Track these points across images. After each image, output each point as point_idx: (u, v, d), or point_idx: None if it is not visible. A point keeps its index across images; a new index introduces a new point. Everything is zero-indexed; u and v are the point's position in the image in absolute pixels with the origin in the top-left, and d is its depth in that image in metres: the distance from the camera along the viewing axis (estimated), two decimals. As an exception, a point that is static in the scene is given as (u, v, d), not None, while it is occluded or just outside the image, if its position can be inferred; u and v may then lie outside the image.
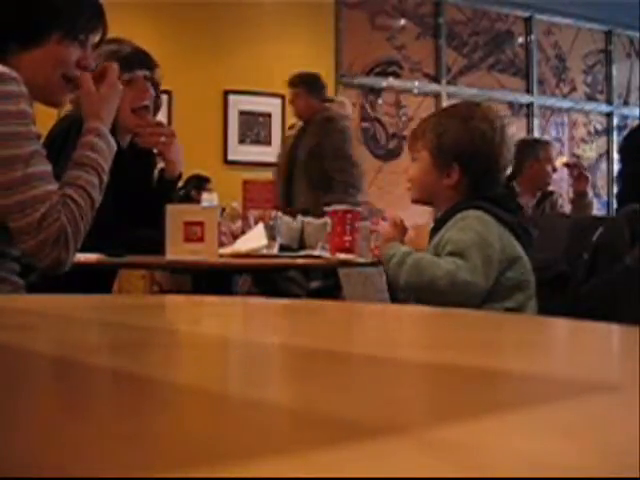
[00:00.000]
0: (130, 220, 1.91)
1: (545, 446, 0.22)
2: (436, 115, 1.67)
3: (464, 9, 6.15)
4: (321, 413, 0.27)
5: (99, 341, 0.54)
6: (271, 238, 2.03)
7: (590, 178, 3.27)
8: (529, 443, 0.22)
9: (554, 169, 3.40)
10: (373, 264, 2.07)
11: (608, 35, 6.76)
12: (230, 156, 5.17)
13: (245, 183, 2.50)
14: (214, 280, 2.22)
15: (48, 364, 0.41)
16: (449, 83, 6.05)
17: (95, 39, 1.41)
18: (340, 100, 3.96)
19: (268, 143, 5.23)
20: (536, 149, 3.38)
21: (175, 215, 1.77)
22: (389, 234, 1.62)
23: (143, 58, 2.01)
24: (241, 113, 5.22)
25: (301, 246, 2.54)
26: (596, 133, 6.76)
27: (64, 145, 1.63)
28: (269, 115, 5.27)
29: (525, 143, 3.51)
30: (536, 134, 6.21)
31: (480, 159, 1.53)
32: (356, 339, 0.55)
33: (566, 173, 3.43)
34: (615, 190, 2.86)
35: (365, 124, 5.78)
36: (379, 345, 0.49)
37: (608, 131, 6.78)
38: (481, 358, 0.42)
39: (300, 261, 2.10)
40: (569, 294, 1.73)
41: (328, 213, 2.27)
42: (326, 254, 2.12)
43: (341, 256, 2.08)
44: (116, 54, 1.85)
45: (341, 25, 5.59)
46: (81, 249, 1.31)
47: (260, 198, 2.29)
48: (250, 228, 2.11)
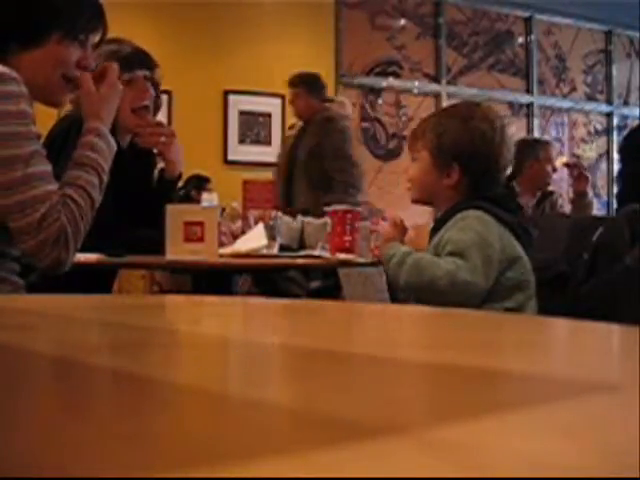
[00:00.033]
0: (130, 220, 1.91)
1: (545, 446, 0.22)
2: (436, 115, 1.67)
3: (464, 9, 6.15)
4: (321, 413, 0.27)
5: (99, 341, 0.54)
6: (271, 238, 2.03)
7: (590, 178, 3.27)
8: (529, 443, 0.22)
9: (554, 169, 3.41)
10: (373, 264, 2.07)
11: (608, 35, 6.76)
12: (230, 156, 5.17)
13: (245, 183, 2.50)
14: (214, 280, 2.22)
15: (48, 364, 0.41)
16: (449, 83, 6.05)
17: (95, 39, 1.40)
18: (340, 100, 3.95)
19: (268, 143, 5.23)
20: (536, 149, 3.38)
21: (175, 215, 1.77)
22: (389, 234, 1.62)
23: (143, 58, 2.01)
24: (241, 113, 5.23)
25: (301, 246, 2.54)
26: (596, 133, 6.76)
27: (64, 145, 1.63)
28: (269, 115, 5.27)
29: (525, 143, 3.51)
30: (536, 134, 6.21)
31: (480, 159, 1.52)
32: (356, 339, 0.55)
33: (566, 173, 3.43)
34: (615, 190, 2.86)
35: (365, 124, 5.78)
36: (379, 345, 0.49)
37: (608, 131, 6.78)
38: (481, 358, 0.42)
39: (300, 261, 2.10)
40: (569, 294, 1.73)
41: (328, 213, 2.27)
42: (326, 254, 2.12)
43: (341, 256, 2.08)
44: (116, 54, 1.85)
45: (341, 25, 5.59)
46: (81, 249, 1.30)
47: (260, 198, 2.29)
48: (250, 228, 2.10)
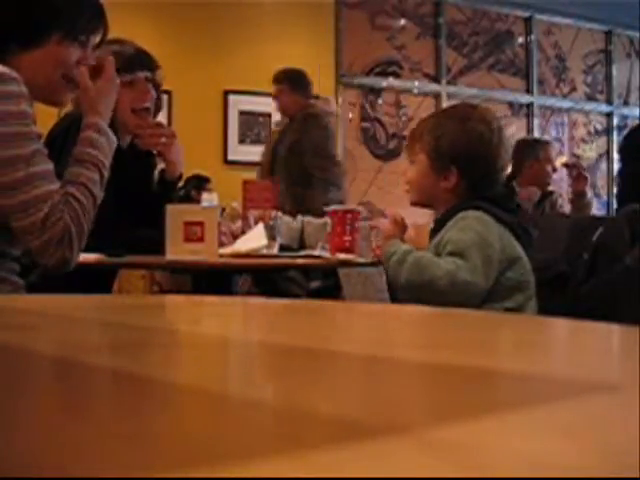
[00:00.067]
0: (130, 220, 1.91)
1: (545, 446, 0.22)
2: (433, 117, 1.66)
3: (464, 9, 6.15)
4: (321, 413, 0.27)
5: (99, 341, 0.54)
6: (271, 238, 2.03)
7: (589, 178, 3.28)
8: (529, 443, 0.22)
9: (554, 169, 3.41)
10: (373, 264, 2.07)
11: (608, 35, 6.76)
12: (230, 156, 5.17)
13: (245, 183, 2.49)
14: (214, 280, 2.22)
15: (48, 364, 0.41)
16: (449, 83, 6.05)
17: (96, 40, 1.41)
18: (325, 97, 3.90)
19: (268, 143, 5.24)
20: (536, 149, 3.38)
21: (175, 215, 1.77)
22: (389, 231, 1.61)
23: (144, 59, 2.00)
24: (241, 113, 5.22)
25: (301, 246, 2.54)
26: (596, 133, 6.75)
27: (64, 144, 1.63)
28: (269, 115, 5.26)
29: (525, 143, 3.52)
30: (536, 134, 6.21)
31: (478, 161, 1.52)
32: (356, 339, 0.55)
33: (565, 173, 3.43)
34: (615, 190, 2.86)
35: (365, 124, 5.78)
36: (379, 345, 0.49)
37: (608, 131, 6.78)
38: (481, 358, 0.42)
39: (300, 261, 2.10)
40: (569, 294, 1.73)
41: (328, 213, 2.26)
42: (326, 254, 2.12)
43: (341, 256, 2.08)
44: (118, 55, 1.85)
45: (341, 25, 5.59)
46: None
47: (260, 198, 2.29)
48: (250, 228, 2.10)
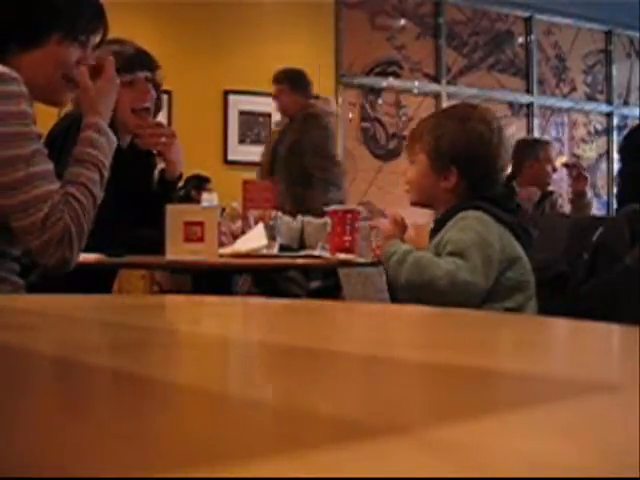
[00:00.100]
0: (130, 220, 1.91)
1: (545, 446, 0.22)
2: (433, 117, 1.66)
3: (464, 9, 6.15)
4: (321, 413, 0.27)
5: (99, 341, 0.54)
6: (271, 238, 2.03)
7: (589, 178, 3.27)
8: (529, 443, 0.22)
9: (554, 169, 3.41)
10: (373, 264, 2.07)
11: (608, 35, 6.76)
12: (230, 156, 5.17)
13: (245, 183, 2.49)
14: (214, 280, 2.22)
15: (48, 364, 0.41)
16: (449, 83, 6.05)
17: (96, 40, 1.40)
18: (325, 97, 3.89)
19: (268, 143, 5.24)
20: (536, 149, 3.38)
21: (175, 215, 1.77)
22: (390, 231, 1.61)
23: (144, 59, 2.00)
24: (241, 113, 5.22)
25: (301, 246, 2.54)
26: (596, 133, 6.75)
27: (64, 144, 1.63)
28: (269, 115, 5.26)
29: (525, 143, 3.52)
30: (536, 134, 6.21)
31: (478, 161, 1.52)
32: (356, 339, 0.55)
33: (565, 173, 3.43)
34: (615, 190, 2.86)
35: (365, 124, 5.78)
36: (379, 345, 0.49)
37: (608, 131, 6.78)
38: (481, 358, 0.42)
39: (300, 261, 2.10)
40: (569, 294, 1.73)
41: (328, 213, 2.26)
42: (326, 254, 2.12)
43: (341, 256, 2.08)
44: (118, 55, 1.84)
45: (341, 25, 5.59)
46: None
47: (260, 198, 2.29)
48: (250, 228, 2.10)
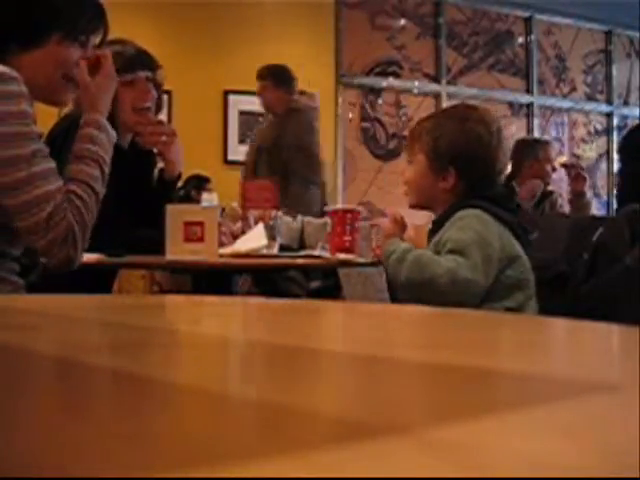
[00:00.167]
0: (130, 220, 1.91)
1: (545, 446, 0.22)
2: (432, 118, 1.66)
3: (464, 9, 6.15)
4: (321, 413, 0.27)
5: (99, 341, 0.54)
6: (271, 238, 2.03)
7: (588, 178, 3.27)
8: (529, 443, 0.22)
9: (554, 169, 3.41)
10: (373, 264, 2.07)
11: (608, 35, 6.76)
12: (230, 156, 5.16)
13: (245, 183, 2.49)
14: (214, 280, 2.22)
15: (48, 364, 0.41)
16: (449, 83, 6.05)
17: (96, 40, 1.40)
18: (310, 93, 3.84)
19: (268, 143, 5.23)
20: (536, 149, 3.38)
21: (175, 215, 1.77)
22: (389, 230, 1.61)
23: (145, 59, 2.00)
24: (241, 113, 5.22)
25: (301, 246, 2.54)
26: (596, 133, 6.75)
27: (64, 144, 1.63)
28: (269, 115, 5.27)
29: (525, 143, 3.52)
30: (536, 134, 6.21)
31: (476, 163, 1.53)
32: (356, 339, 0.55)
33: (564, 173, 3.43)
34: (615, 190, 2.86)
35: (365, 124, 5.78)
36: (379, 345, 0.49)
37: (608, 131, 6.77)
38: (481, 358, 0.42)
39: (300, 261, 2.10)
40: (569, 294, 1.73)
41: (328, 213, 2.27)
42: (326, 254, 2.12)
43: (341, 256, 2.08)
44: (120, 55, 1.85)
45: (341, 25, 5.59)
46: (81, 249, 1.31)
47: (260, 198, 2.29)
48: (250, 228, 2.10)
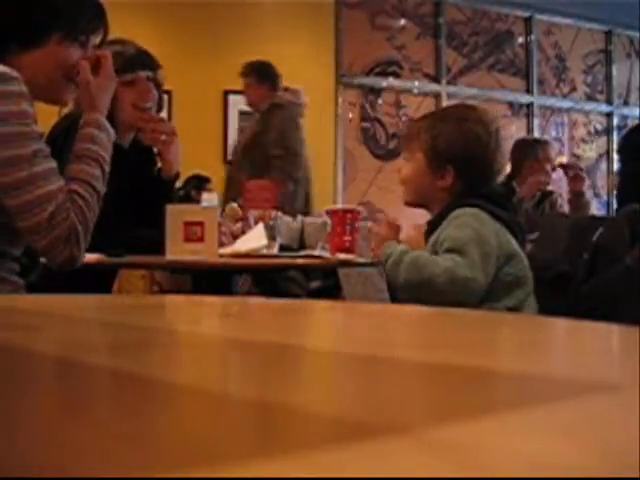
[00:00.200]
0: (130, 220, 1.91)
1: (545, 446, 0.22)
2: (431, 116, 1.66)
3: (464, 9, 6.14)
4: (321, 413, 0.27)
5: (99, 341, 0.54)
6: (271, 238, 2.03)
7: (586, 178, 3.27)
8: (529, 443, 0.22)
9: (553, 169, 3.40)
10: (373, 264, 2.07)
11: (608, 35, 6.75)
12: (230, 156, 5.16)
13: (245, 183, 2.49)
14: (214, 280, 2.22)
15: (48, 364, 0.41)
16: (449, 83, 6.05)
17: (96, 40, 1.41)
18: (295, 89, 3.80)
19: (268, 143, 5.23)
20: (535, 149, 3.38)
21: (175, 215, 1.76)
22: (384, 234, 1.61)
23: (146, 59, 2.01)
24: (241, 113, 5.21)
25: (301, 246, 2.54)
26: (596, 133, 6.75)
27: (64, 144, 1.63)
28: (269, 115, 5.26)
29: (524, 143, 3.51)
30: (536, 134, 6.20)
31: (474, 163, 1.53)
32: (356, 339, 0.55)
33: (562, 173, 3.43)
34: (615, 190, 2.86)
35: (365, 124, 5.78)
36: (379, 345, 0.49)
37: (608, 131, 6.77)
38: (481, 358, 0.42)
39: (300, 261, 2.10)
40: (569, 294, 1.73)
41: (328, 213, 2.26)
42: (326, 254, 2.12)
43: (341, 256, 2.08)
44: (120, 55, 1.85)
45: (341, 25, 5.59)
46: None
47: (260, 198, 2.29)
48: (250, 228, 2.10)
